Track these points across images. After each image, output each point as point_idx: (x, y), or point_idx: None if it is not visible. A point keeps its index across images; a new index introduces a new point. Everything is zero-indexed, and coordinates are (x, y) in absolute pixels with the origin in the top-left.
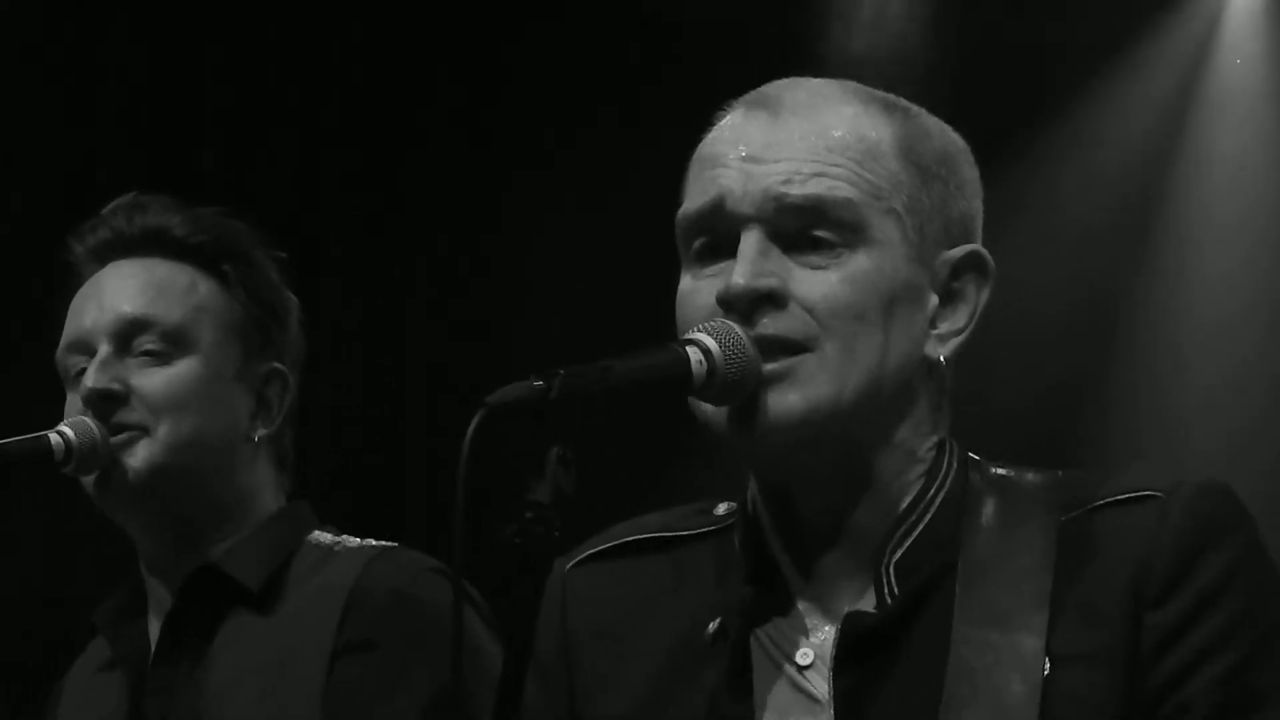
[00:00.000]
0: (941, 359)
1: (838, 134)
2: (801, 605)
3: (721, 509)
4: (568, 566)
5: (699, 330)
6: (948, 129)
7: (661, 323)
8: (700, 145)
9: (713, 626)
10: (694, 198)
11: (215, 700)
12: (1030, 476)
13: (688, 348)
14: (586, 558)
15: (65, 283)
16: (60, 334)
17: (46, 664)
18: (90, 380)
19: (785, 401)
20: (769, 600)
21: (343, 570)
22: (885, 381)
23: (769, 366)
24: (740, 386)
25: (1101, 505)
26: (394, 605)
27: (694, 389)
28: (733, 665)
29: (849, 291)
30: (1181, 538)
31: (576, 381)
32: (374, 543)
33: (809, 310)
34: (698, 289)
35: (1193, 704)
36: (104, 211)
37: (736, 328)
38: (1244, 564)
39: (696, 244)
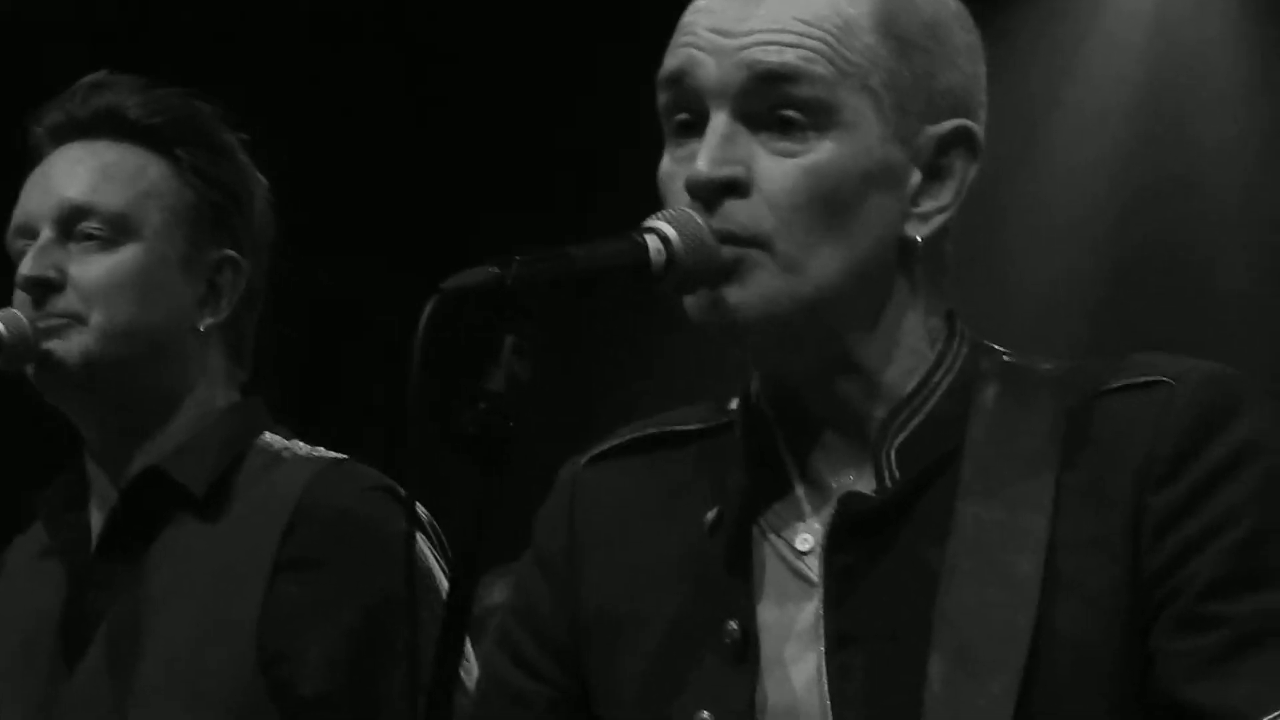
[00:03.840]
0: (919, 239)
1: (813, 9)
2: (804, 492)
3: (735, 403)
4: (580, 465)
5: (659, 218)
6: None
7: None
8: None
9: (710, 516)
10: (663, 66)
11: (154, 603)
12: (1044, 365)
13: (647, 235)
14: (598, 456)
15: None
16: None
17: None
18: (25, 267)
19: (744, 298)
20: (771, 488)
21: (289, 481)
22: (854, 270)
23: (726, 257)
24: (700, 276)
25: (1110, 391)
26: (339, 523)
27: (653, 277)
28: (730, 553)
29: (813, 182)
30: (1189, 422)
31: (533, 268)
32: (323, 453)
33: (770, 201)
34: (674, 173)
35: (1195, 577)
36: (65, 92)
37: (697, 216)
38: (1252, 446)
39: (673, 120)
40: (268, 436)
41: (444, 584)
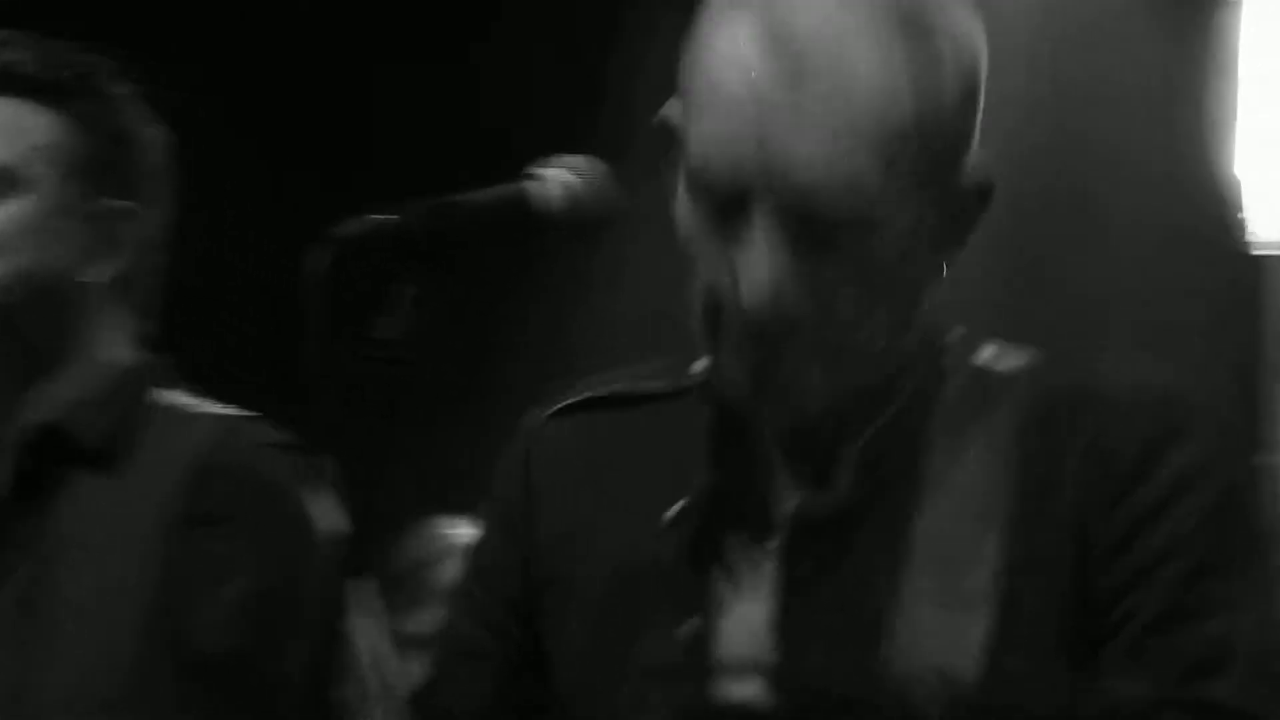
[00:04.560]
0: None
1: (861, 120)
2: (766, 487)
3: (697, 366)
4: (540, 419)
5: (554, 164)
6: (958, 13)
7: None
8: (699, 55)
9: (674, 511)
10: (700, 153)
11: (55, 562)
12: (1008, 360)
13: (534, 183)
14: (555, 413)
15: None
16: None
17: None
18: None
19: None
20: (734, 483)
21: (192, 440)
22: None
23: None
24: (594, 224)
25: (1066, 403)
26: (239, 479)
27: (543, 224)
28: (691, 548)
29: (858, 292)
30: (1141, 443)
31: (424, 214)
32: (225, 410)
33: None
34: (707, 239)
35: (1141, 607)
36: None
37: (598, 164)
38: (1200, 471)
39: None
40: (171, 393)
41: (343, 539)
